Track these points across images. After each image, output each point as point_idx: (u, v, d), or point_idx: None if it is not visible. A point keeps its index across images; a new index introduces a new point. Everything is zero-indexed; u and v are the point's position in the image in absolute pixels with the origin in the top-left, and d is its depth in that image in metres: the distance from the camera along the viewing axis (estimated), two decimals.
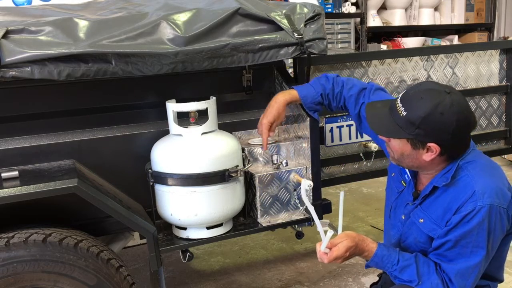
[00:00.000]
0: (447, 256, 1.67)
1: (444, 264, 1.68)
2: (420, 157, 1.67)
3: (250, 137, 2.51)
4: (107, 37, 1.95)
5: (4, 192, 1.78)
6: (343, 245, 1.69)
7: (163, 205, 2.19)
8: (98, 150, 2.20)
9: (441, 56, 2.90)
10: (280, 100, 2.16)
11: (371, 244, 1.75)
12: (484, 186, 1.62)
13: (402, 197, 1.90)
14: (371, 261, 1.75)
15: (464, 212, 1.61)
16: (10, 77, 1.83)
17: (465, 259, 1.64)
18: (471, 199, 1.61)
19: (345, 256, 1.70)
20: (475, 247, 1.62)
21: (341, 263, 1.75)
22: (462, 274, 1.64)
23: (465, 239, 1.62)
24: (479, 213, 1.59)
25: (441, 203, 1.70)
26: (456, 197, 1.66)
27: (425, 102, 1.59)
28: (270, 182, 2.27)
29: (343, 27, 5.34)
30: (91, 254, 1.90)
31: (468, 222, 1.61)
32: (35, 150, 2.10)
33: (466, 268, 1.64)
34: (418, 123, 1.59)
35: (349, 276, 3.11)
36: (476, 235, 1.61)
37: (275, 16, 2.25)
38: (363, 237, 1.76)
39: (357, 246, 1.72)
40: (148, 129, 2.29)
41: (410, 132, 1.62)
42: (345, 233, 1.75)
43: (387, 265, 1.73)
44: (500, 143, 3.18)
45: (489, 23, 6.25)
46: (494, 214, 1.60)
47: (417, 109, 1.59)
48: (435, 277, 1.68)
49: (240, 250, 3.60)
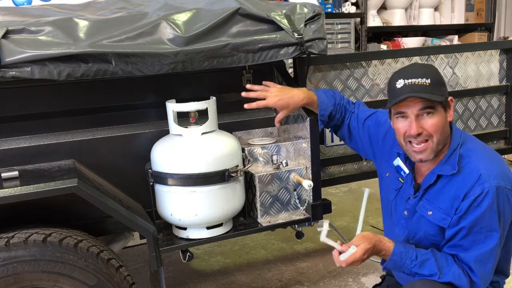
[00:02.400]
0: (463, 245, 1.68)
1: (461, 254, 1.68)
2: (447, 122, 1.73)
3: (250, 137, 2.51)
4: (107, 37, 1.95)
5: (4, 192, 1.78)
6: (360, 248, 1.69)
7: (163, 205, 2.19)
8: (98, 150, 2.19)
9: (441, 56, 2.90)
10: (298, 103, 2.15)
11: (388, 243, 1.75)
12: (489, 169, 1.65)
13: (402, 193, 1.91)
14: (389, 260, 1.74)
15: (473, 196, 1.63)
16: (10, 77, 1.83)
17: (481, 245, 1.66)
18: (478, 183, 1.64)
19: (363, 259, 1.70)
20: (489, 231, 1.64)
21: (359, 265, 1.76)
22: (481, 260, 1.66)
23: (479, 224, 1.64)
24: (487, 195, 1.62)
25: (448, 192, 1.72)
26: (462, 183, 1.68)
27: (429, 67, 1.81)
28: (270, 182, 2.27)
29: (343, 27, 5.34)
30: (91, 254, 1.90)
31: (478, 206, 1.63)
32: (35, 150, 2.09)
33: (484, 253, 1.66)
34: (442, 81, 1.72)
35: (349, 276, 3.11)
36: (489, 219, 1.63)
37: (275, 16, 2.25)
38: (379, 237, 1.76)
39: (375, 247, 1.72)
40: (148, 129, 2.29)
41: (443, 92, 1.71)
42: (362, 235, 1.75)
43: (406, 262, 1.72)
44: (500, 143, 3.19)
45: (489, 23, 6.25)
46: (502, 195, 1.64)
47: (431, 72, 1.72)
48: (455, 268, 1.68)
49: (240, 250, 3.60)
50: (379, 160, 2.09)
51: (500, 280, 1.83)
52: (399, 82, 1.69)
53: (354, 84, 2.70)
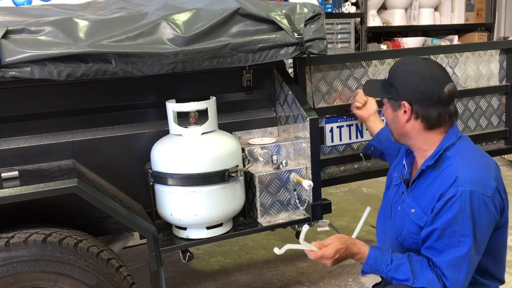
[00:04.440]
0: (437, 248, 1.68)
1: (435, 257, 1.68)
2: (400, 121, 1.79)
3: (250, 137, 2.51)
4: (107, 37, 1.95)
5: (4, 192, 1.78)
6: (332, 246, 1.73)
7: (163, 205, 2.19)
8: (98, 150, 2.20)
9: (441, 56, 2.90)
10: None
11: (363, 247, 1.76)
12: (467, 173, 1.65)
13: (400, 190, 1.92)
14: (365, 264, 1.76)
15: (446, 197, 1.64)
16: (10, 77, 1.83)
17: (453, 250, 1.65)
18: (453, 185, 1.65)
19: (335, 258, 1.72)
20: (462, 236, 1.63)
21: (332, 265, 1.77)
22: (453, 266, 1.65)
23: (451, 227, 1.64)
24: (460, 198, 1.62)
25: (429, 191, 1.74)
26: (441, 184, 1.69)
27: (399, 65, 1.87)
28: (270, 182, 2.27)
29: (343, 27, 5.34)
30: (91, 254, 1.90)
31: (450, 207, 1.63)
32: (35, 150, 2.10)
33: (456, 258, 1.65)
34: (390, 81, 1.82)
35: (349, 276, 3.11)
36: (461, 223, 1.62)
37: (275, 16, 2.25)
38: (354, 240, 1.78)
39: (347, 248, 1.74)
40: (148, 129, 2.29)
41: (387, 91, 1.82)
42: (336, 236, 1.78)
43: (381, 266, 1.73)
44: (500, 143, 3.18)
45: (489, 23, 6.25)
46: (477, 201, 1.62)
47: (393, 71, 1.85)
48: (429, 273, 1.68)
49: (240, 250, 3.60)
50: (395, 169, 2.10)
51: (491, 285, 1.81)
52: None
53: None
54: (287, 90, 2.42)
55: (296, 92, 2.39)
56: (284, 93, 2.46)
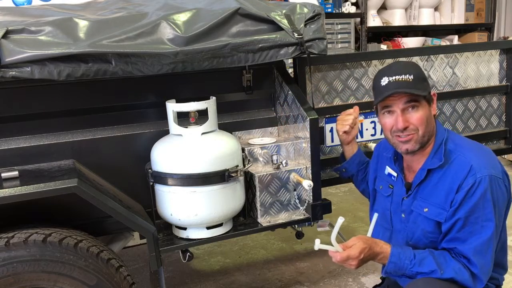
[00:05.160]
0: (460, 238, 1.69)
1: (460, 246, 1.69)
2: (431, 116, 1.78)
3: (250, 137, 2.51)
4: (107, 37, 1.95)
5: (4, 192, 1.78)
6: (356, 246, 1.69)
7: (163, 205, 2.19)
8: (98, 150, 2.20)
9: (441, 56, 2.90)
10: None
11: (385, 246, 1.75)
12: (479, 160, 1.70)
13: (395, 197, 1.92)
14: (389, 262, 1.73)
15: (467, 187, 1.66)
16: (10, 77, 1.83)
17: (478, 236, 1.67)
18: (470, 174, 1.67)
19: (360, 258, 1.69)
20: (485, 220, 1.66)
21: (356, 267, 1.73)
22: (480, 251, 1.67)
23: (473, 214, 1.66)
24: (480, 185, 1.65)
25: (442, 187, 1.74)
26: (455, 177, 1.71)
27: (411, 64, 1.86)
28: (270, 182, 2.27)
29: (343, 27, 5.34)
30: (91, 254, 1.90)
31: (472, 195, 1.66)
32: (35, 150, 2.10)
33: (482, 244, 1.67)
34: (424, 77, 1.78)
35: (349, 276, 3.11)
36: (483, 208, 1.65)
37: (275, 16, 2.25)
38: (375, 240, 1.76)
39: (371, 248, 1.72)
40: (148, 129, 2.29)
41: (425, 87, 1.77)
42: (357, 236, 1.75)
43: (405, 262, 1.71)
44: (500, 143, 3.19)
45: (489, 23, 6.25)
46: (495, 184, 1.67)
47: (413, 69, 1.78)
48: (455, 263, 1.69)
49: (240, 250, 3.60)
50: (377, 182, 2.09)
51: (499, 277, 1.83)
52: (383, 80, 1.76)
53: (354, 84, 2.70)
54: (287, 90, 2.42)
55: (296, 92, 2.39)
56: (284, 93, 2.46)
